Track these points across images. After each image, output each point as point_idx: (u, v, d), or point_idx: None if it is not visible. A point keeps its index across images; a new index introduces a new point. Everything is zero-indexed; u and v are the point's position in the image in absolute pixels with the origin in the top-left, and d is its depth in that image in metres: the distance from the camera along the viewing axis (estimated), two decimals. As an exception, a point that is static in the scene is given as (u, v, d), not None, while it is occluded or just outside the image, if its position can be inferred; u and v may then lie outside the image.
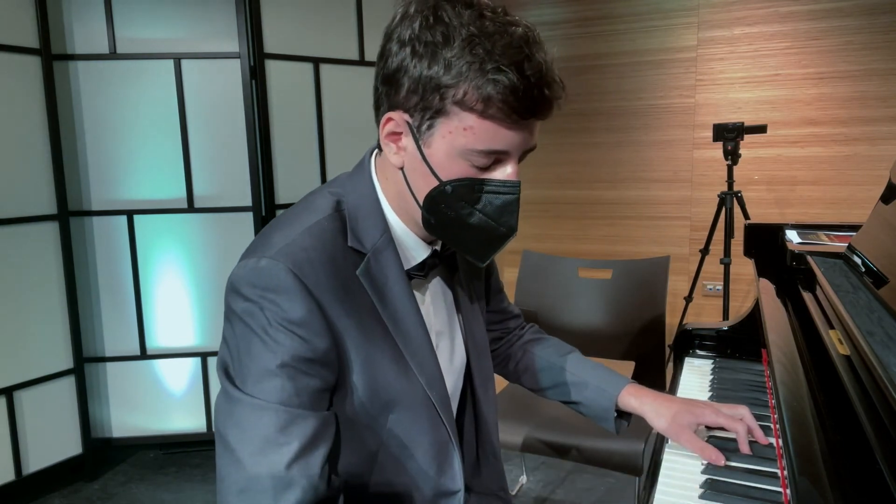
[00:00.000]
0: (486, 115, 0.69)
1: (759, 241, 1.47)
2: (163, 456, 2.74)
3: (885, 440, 0.65)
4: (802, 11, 2.90)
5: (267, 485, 0.69)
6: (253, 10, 2.51)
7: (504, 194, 0.74)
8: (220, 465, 0.72)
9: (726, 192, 2.67)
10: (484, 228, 0.76)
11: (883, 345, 0.76)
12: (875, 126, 2.84)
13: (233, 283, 0.75)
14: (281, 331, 0.72)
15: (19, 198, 2.30)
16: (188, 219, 2.61)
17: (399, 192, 0.81)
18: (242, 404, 0.71)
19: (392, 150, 0.77)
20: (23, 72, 2.28)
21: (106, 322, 2.62)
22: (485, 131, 0.70)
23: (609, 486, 2.38)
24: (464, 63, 0.68)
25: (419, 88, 0.70)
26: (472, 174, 0.74)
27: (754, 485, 0.84)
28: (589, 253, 3.41)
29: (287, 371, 0.72)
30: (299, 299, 0.72)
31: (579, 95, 3.38)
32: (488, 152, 0.72)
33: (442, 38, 0.69)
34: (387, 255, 0.80)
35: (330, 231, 0.78)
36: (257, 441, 0.70)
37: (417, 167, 0.75)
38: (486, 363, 1.01)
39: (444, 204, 0.75)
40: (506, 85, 0.67)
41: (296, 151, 2.69)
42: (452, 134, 0.71)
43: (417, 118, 0.72)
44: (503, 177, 0.74)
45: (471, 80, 0.68)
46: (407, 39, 0.71)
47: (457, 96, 0.69)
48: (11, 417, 2.32)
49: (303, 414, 0.72)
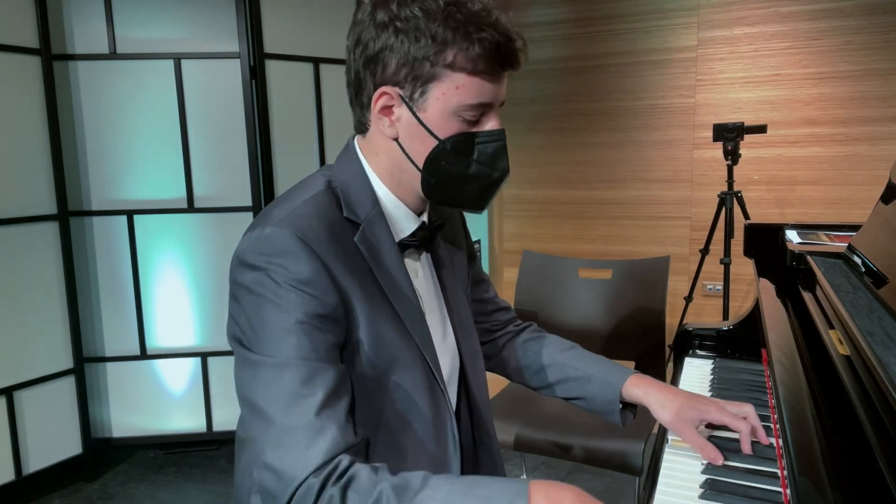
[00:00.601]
0: (473, 73, 0.79)
1: (759, 241, 1.47)
2: (163, 456, 2.74)
3: (885, 440, 0.65)
4: (802, 11, 2.90)
5: (299, 435, 0.72)
6: (253, 10, 2.51)
7: (494, 142, 0.84)
8: (251, 428, 0.75)
9: (726, 192, 2.67)
10: (482, 176, 0.85)
11: (883, 345, 0.76)
12: (875, 126, 2.84)
13: (238, 256, 0.80)
14: (291, 291, 0.76)
15: (19, 198, 2.30)
16: (188, 219, 2.61)
17: (393, 164, 0.87)
18: (264, 365, 0.75)
19: (386, 124, 0.84)
20: (23, 72, 2.28)
21: (106, 322, 2.62)
22: (473, 86, 0.80)
23: (609, 486, 2.38)
24: (448, 31, 0.77)
25: (409, 61, 0.79)
26: (465, 129, 0.83)
27: (754, 485, 0.84)
28: (589, 253, 3.41)
29: (302, 328, 0.76)
30: (305, 260, 0.77)
31: (579, 95, 3.38)
32: (478, 105, 0.81)
33: (421, 13, 0.78)
34: (379, 226, 0.86)
35: (326, 203, 0.84)
36: (284, 396, 0.73)
37: (414, 133, 0.83)
38: (473, 340, 1.03)
39: (444, 161, 0.83)
40: (489, 42, 0.78)
41: (296, 151, 2.69)
42: (445, 95, 0.80)
43: (409, 88, 0.81)
44: (490, 127, 0.84)
45: (458, 43, 0.78)
46: (387, 21, 0.79)
47: (447, 60, 0.78)
48: (11, 417, 2.32)
49: (323, 366, 0.76)
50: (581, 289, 2.17)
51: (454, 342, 1.00)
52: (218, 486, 2.48)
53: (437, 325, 0.96)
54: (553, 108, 3.45)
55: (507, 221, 3.72)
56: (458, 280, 1.03)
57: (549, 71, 3.46)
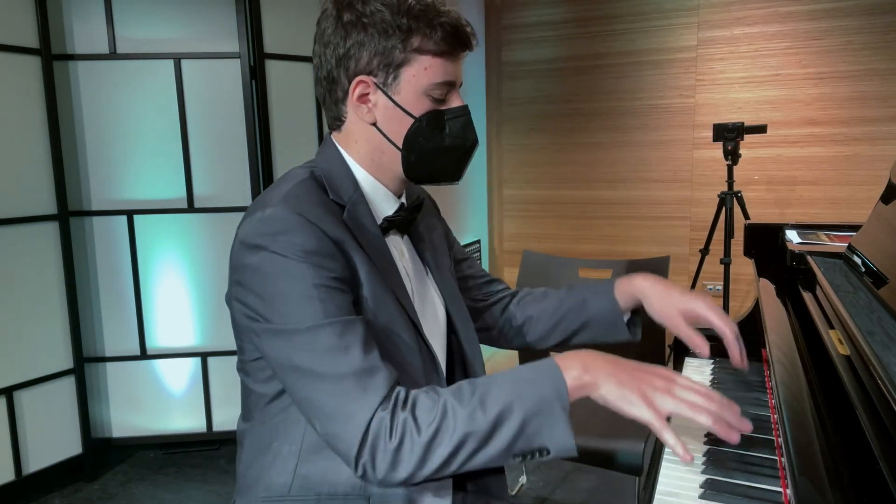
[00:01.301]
0: (437, 54, 0.89)
1: (759, 241, 1.47)
2: (163, 456, 2.74)
3: (885, 440, 0.65)
4: (802, 11, 2.90)
5: (352, 381, 0.78)
6: (253, 10, 2.51)
7: (461, 116, 0.94)
8: (301, 389, 0.80)
9: (726, 192, 2.67)
10: (456, 147, 0.94)
11: (883, 345, 0.76)
12: (875, 126, 2.85)
13: (242, 240, 0.85)
14: (301, 262, 0.81)
15: (19, 198, 2.30)
16: (188, 219, 2.61)
17: (373, 148, 0.94)
18: (298, 333, 0.80)
19: (364, 111, 0.92)
20: (23, 72, 2.28)
21: (106, 322, 2.62)
22: (439, 66, 0.90)
23: (609, 486, 2.38)
24: (412, 20, 0.87)
25: (380, 51, 0.88)
26: (435, 107, 0.92)
27: (754, 485, 0.84)
28: (589, 253, 3.41)
29: (322, 291, 0.81)
30: (309, 232, 0.83)
31: (579, 95, 3.39)
32: (444, 83, 0.91)
33: (385, 8, 0.87)
34: (362, 207, 0.93)
35: (312, 188, 0.90)
36: (327, 353, 0.79)
37: (391, 115, 0.91)
38: (464, 313, 1.07)
39: (421, 137, 0.92)
40: (449, 26, 0.88)
41: (296, 151, 2.69)
42: (416, 76, 0.89)
43: (382, 75, 0.90)
44: (455, 104, 0.94)
45: (422, 30, 0.88)
46: (354, 20, 0.88)
47: (414, 45, 0.88)
48: (11, 417, 2.32)
49: (351, 319, 0.82)
50: (581, 289, 2.17)
51: (444, 317, 1.04)
52: (218, 486, 2.48)
53: (428, 302, 1.01)
54: (553, 108, 3.45)
55: (507, 221, 3.72)
56: (441, 259, 1.08)
57: (549, 71, 3.46)
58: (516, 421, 0.77)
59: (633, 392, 0.79)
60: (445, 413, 0.77)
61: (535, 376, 0.80)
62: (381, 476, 0.77)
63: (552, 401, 0.78)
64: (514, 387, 0.79)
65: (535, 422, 0.77)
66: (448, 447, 0.76)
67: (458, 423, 0.77)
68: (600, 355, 0.83)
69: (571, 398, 0.79)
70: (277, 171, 2.64)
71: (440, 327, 1.03)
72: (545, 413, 0.78)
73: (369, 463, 0.77)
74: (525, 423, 0.77)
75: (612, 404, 0.80)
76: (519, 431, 0.77)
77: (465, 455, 0.77)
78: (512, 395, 0.78)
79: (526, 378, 0.80)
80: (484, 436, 0.77)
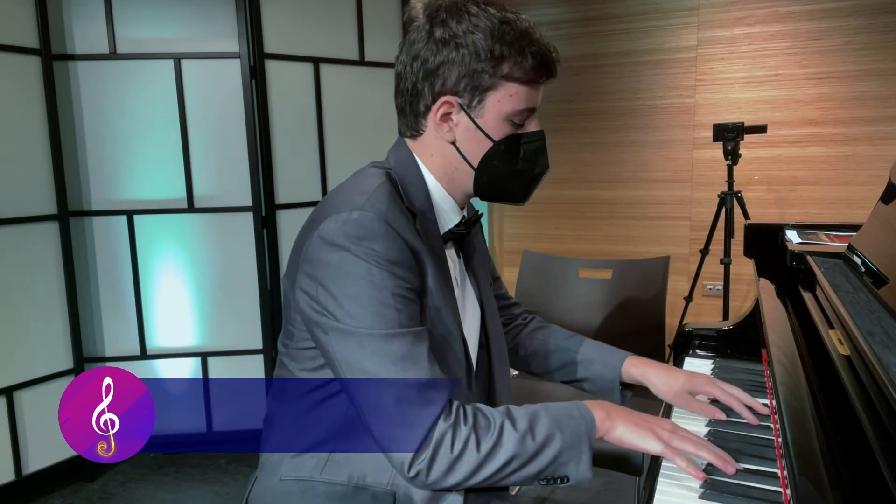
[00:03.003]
0: (524, 82, 0.91)
1: (759, 241, 1.47)
2: (163, 456, 2.74)
3: (885, 440, 0.65)
4: (802, 11, 2.89)
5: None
6: (253, 10, 2.51)
7: (536, 141, 0.96)
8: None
9: (726, 192, 2.66)
10: (527, 171, 0.97)
11: (883, 345, 0.76)
12: (875, 126, 2.84)
13: (324, 237, 0.86)
14: (383, 269, 0.84)
15: (19, 198, 2.30)
16: (188, 219, 2.61)
17: (447, 163, 0.97)
18: (372, 338, 0.83)
19: (445, 129, 0.94)
20: (23, 72, 2.28)
21: (106, 322, 2.62)
22: (524, 94, 0.92)
23: (609, 486, 2.38)
24: (505, 46, 0.89)
25: (469, 73, 0.90)
26: (513, 131, 0.94)
27: (754, 485, 0.84)
28: (589, 253, 3.41)
29: (398, 300, 0.85)
30: (393, 241, 0.86)
31: (579, 95, 3.38)
32: (526, 110, 0.93)
33: (479, 31, 0.88)
34: (430, 216, 0.96)
35: (391, 192, 0.92)
36: (398, 362, 0.83)
37: (472, 136, 0.94)
38: (501, 335, 1.11)
39: (497, 160, 0.95)
40: (540, 56, 0.91)
41: (296, 151, 2.69)
42: (500, 102, 0.91)
43: (468, 97, 0.91)
44: (532, 129, 0.96)
45: (513, 57, 0.89)
46: (447, 38, 0.89)
47: (503, 72, 0.90)
48: (11, 417, 2.32)
49: (422, 330, 0.87)
50: (581, 289, 2.17)
51: (479, 331, 1.07)
52: (218, 486, 2.48)
53: (469, 316, 1.04)
54: (553, 108, 3.45)
55: (507, 221, 3.72)
56: (485, 275, 1.11)
57: (549, 71, 3.46)
58: (554, 450, 0.85)
59: (645, 430, 0.90)
60: (502, 433, 0.84)
61: (573, 413, 0.89)
62: (432, 480, 0.83)
63: (583, 437, 0.87)
64: (556, 420, 0.87)
65: (567, 454, 0.86)
66: (498, 464, 0.83)
67: (511, 445, 0.84)
68: (619, 406, 0.94)
69: (596, 436, 0.89)
70: (277, 171, 2.64)
71: (475, 341, 1.05)
72: (576, 447, 0.86)
73: (426, 468, 0.82)
74: (560, 454, 0.85)
75: (627, 442, 0.90)
76: (553, 460, 0.85)
77: (507, 473, 0.85)
78: (555, 428, 0.86)
79: (565, 414, 0.88)
80: (527, 459, 0.84)
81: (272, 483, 0.95)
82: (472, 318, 1.05)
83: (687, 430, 0.92)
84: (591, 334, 2.13)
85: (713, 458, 0.87)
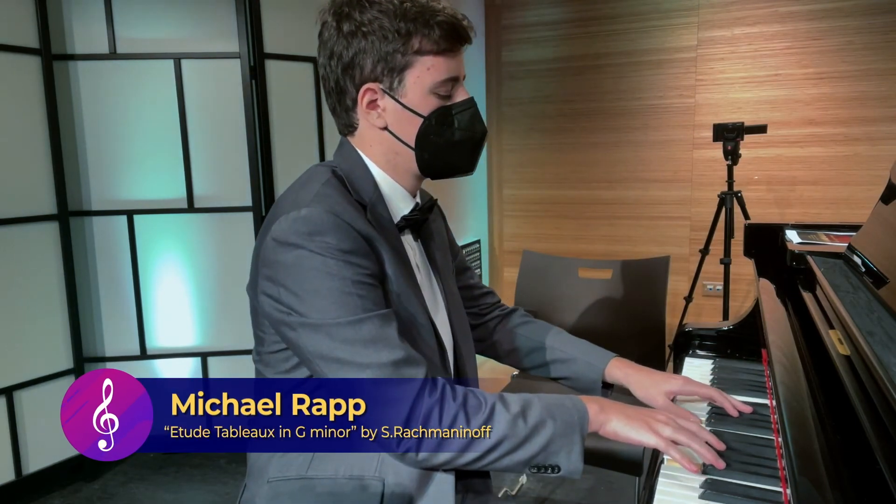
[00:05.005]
0: (438, 53, 0.92)
1: (759, 241, 1.47)
2: (163, 456, 2.74)
3: (885, 440, 0.65)
4: (802, 11, 2.90)
5: (393, 369, 0.84)
6: (253, 10, 2.51)
7: (468, 109, 0.96)
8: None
9: (726, 192, 2.67)
10: (466, 140, 0.97)
11: (883, 345, 0.76)
12: (875, 126, 2.84)
13: (276, 238, 0.87)
14: (339, 260, 0.85)
15: (19, 198, 2.29)
16: (188, 219, 2.61)
17: (387, 150, 0.97)
18: (340, 327, 0.84)
19: (374, 117, 0.95)
20: (23, 72, 2.28)
21: (106, 322, 2.62)
22: (441, 64, 0.93)
23: (609, 486, 2.38)
24: (409, 23, 0.90)
25: (383, 57, 0.91)
26: (442, 104, 0.95)
27: (754, 485, 0.84)
28: (589, 253, 3.41)
29: (359, 287, 0.86)
30: (344, 232, 0.87)
31: (579, 95, 3.38)
32: (448, 80, 0.94)
33: (382, 14, 0.90)
34: (380, 207, 0.96)
35: (338, 187, 0.94)
36: (369, 345, 0.84)
37: (401, 117, 0.94)
38: (465, 321, 1.11)
39: (432, 134, 0.95)
40: (446, 24, 0.91)
41: (296, 151, 2.69)
42: (420, 77, 0.92)
43: (388, 81, 0.92)
44: (461, 98, 0.96)
45: (420, 31, 0.90)
46: (354, 29, 0.91)
47: (414, 47, 0.91)
48: (11, 417, 2.32)
49: (387, 312, 0.87)
50: (581, 289, 2.17)
51: (447, 321, 1.07)
52: (218, 486, 2.48)
53: (433, 304, 1.04)
54: (553, 108, 3.45)
55: (507, 221, 3.72)
56: (446, 262, 1.12)
57: (549, 71, 3.46)
58: (545, 437, 0.86)
59: (639, 423, 0.90)
60: (493, 413, 0.85)
61: (566, 404, 0.90)
62: (423, 457, 0.84)
63: (575, 427, 0.88)
64: (549, 407, 0.88)
65: (558, 442, 0.86)
66: (488, 444, 0.84)
67: (502, 426, 0.84)
68: (613, 401, 0.95)
69: (589, 429, 0.90)
70: (277, 171, 2.64)
71: (445, 326, 1.06)
72: (568, 436, 0.87)
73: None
74: (551, 441, 0.86)
75: (621, 435, 0.91)
76: (544, 447, 0.86)
77: (497, 455, 0.85)
78: (547, 414, 0.87)
79: (558, 403, 0.89)
80: (518, 442, 0.85)
81: (261, 487, 0.96)
82: (440, 302, 1.06)
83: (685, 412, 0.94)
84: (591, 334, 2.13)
85: (704, 452, 0.87)
